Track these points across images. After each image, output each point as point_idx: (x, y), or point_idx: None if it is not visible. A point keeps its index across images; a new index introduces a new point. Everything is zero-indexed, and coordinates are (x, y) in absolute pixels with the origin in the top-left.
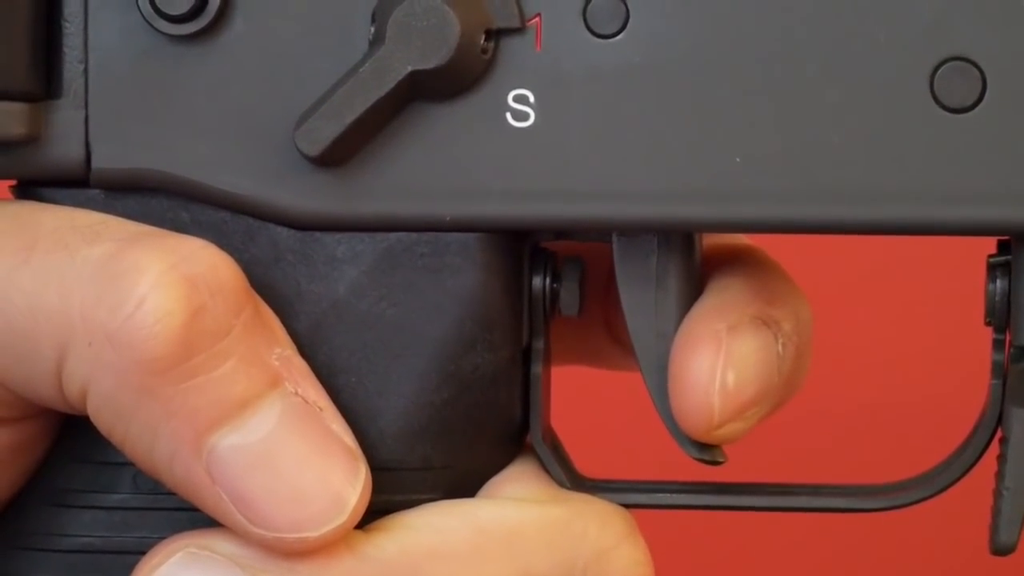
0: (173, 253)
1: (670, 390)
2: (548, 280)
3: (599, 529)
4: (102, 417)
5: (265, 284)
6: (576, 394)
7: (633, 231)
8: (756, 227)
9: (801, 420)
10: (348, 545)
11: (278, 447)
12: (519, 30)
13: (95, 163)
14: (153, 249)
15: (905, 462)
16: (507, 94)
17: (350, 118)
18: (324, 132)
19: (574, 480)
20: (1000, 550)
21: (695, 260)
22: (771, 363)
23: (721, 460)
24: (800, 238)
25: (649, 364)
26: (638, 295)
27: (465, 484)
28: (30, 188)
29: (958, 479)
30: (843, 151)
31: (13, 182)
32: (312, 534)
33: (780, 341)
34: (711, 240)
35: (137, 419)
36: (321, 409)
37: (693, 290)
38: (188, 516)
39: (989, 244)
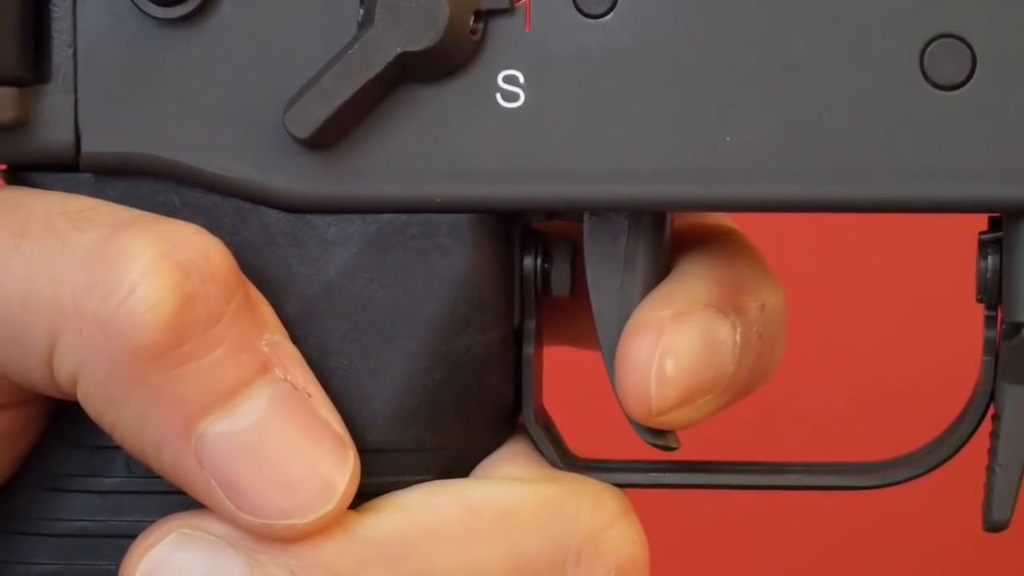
0: (165, 239)
1: (615, 374)
2: (539, 261)
3: (593, 508)
4: (92, 403)
5: (256, 267)
6: (568, 375)
7: (624, 210)
8: (747, 206)
9: (793, 399)
10: (341, 524)
11: (267, 434)
12: (508, 11)
13: (85, 147)
14: (145, 235)
15: (898, 440)
16: (497, 75)
17: (339, 100)
18: (314, 115)
19: (567, 460)
20: (993, 527)
21: (664, 243)
22: (722, 352)
23: (674, 446)
24: (790, 216)
25: (609, 346)
26: (605, 276)
27: (458, 465)
28: (20, 173)
29: (951, 456)
30: (833, 129)
31: (3, 168)
32: (301, 521)
33: (739, 330)
34: (685, 220)
35: (127, 405)
36: (310, 395)
37: (660, 273)
38: (181, 500)
39: (980, 221)
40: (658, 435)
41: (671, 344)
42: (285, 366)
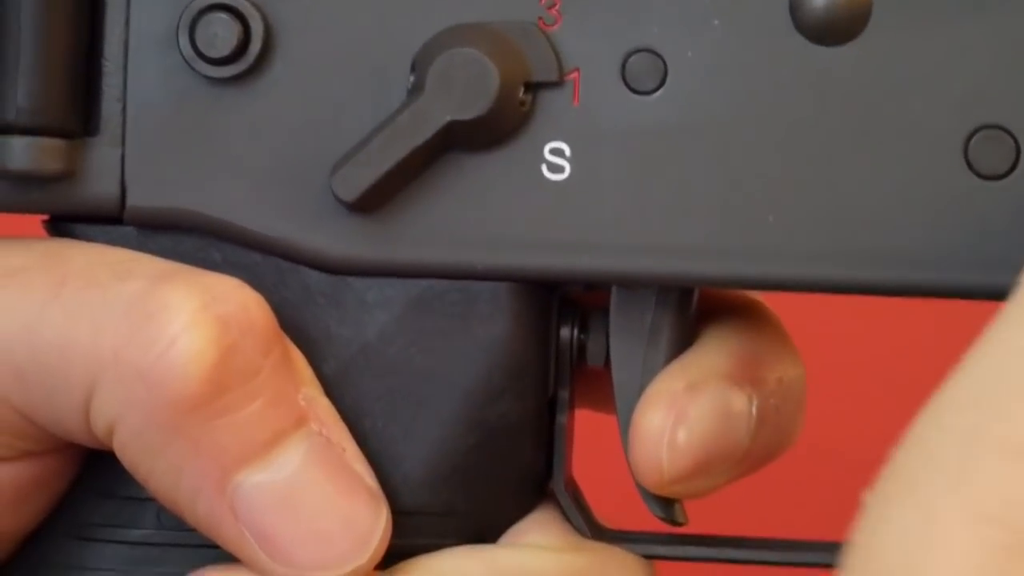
0: (206, 292)
1: (628, 444)
2: (575, 331)
3: None
4: (128, 453)
5: (295, 326)
6: (596, 445)
7: (665, 285)
8: (786, 286)
9: (822, 475)
10: None
11: (302, 486)
12: (558, 84)
13: (130, 200)
14: (186, 287)
15: None
16: (543, 147)
17: (387, 165)
18: (360, 178)
19: (595, 530)
20: None
21: (689, 318)
22: (737, 424)
23: (681, 521)
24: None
25: (626, 418)
26: (628, 348)
27: (487, 531)
28: (63, 224)
29: None
30: (876, 215)
31: (46, 217)
32: (334, 573)
33: (755, 402)
34: (708, 291)
35: (164, 456)
36: (344, 450)
37: (683, 347)
38: (212, 553)
39: None
40: (667, 508)
41: (684, 414)
42: (321, 420)
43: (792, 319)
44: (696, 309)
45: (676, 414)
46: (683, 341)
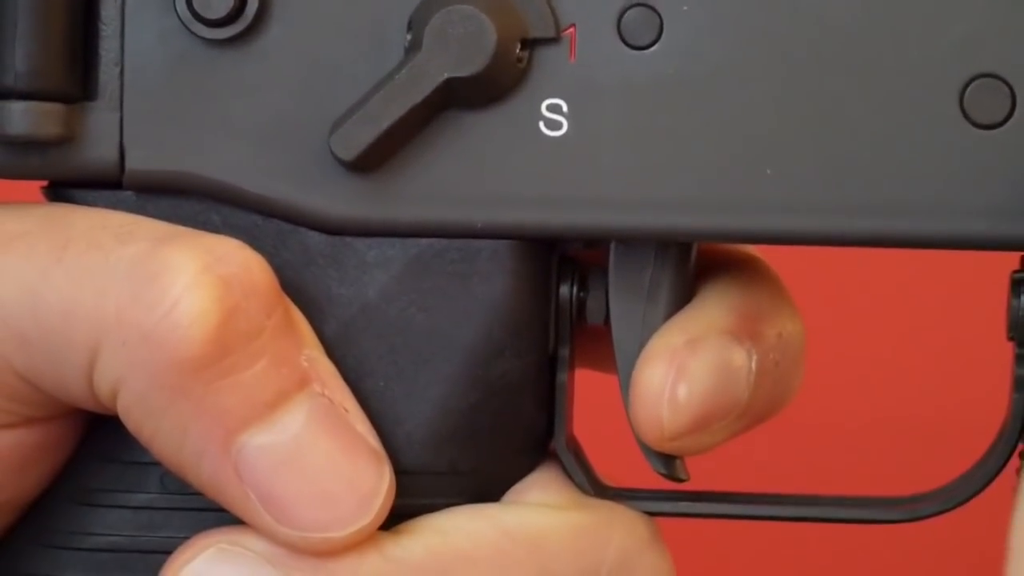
0: (208, 253)
1: (629, 400)
2: (575, 289)
3: (624, 536)
4: (132, 415)
5: (295, 287)
6: (596, 404)
7: (663, 240)
8: (785, 238)
9: (822, 432)
10: (376, 546)
11: (306, 447)
12: (554, 40)
13: (129, 164)
14: (188, 249)
15: (925, 475)
16: (540, 103)
17: (386, 124)
18: (360, 137)
19: (597, 487)
20: None
21: (688, 274)
22: (737, 379)
23: (683, 477)
24: (824, 251)
25: (626, 375)
26: (628, 305)
27: (490, 489)
28: (62, 190)
29: (978, 492)
30: (872, 165)
31: (45, 184)
32: (338, 534)
33: (755, 357)
34: (707, 247)
35: (168, 418)
36: (347, 410)
37: (682, 303)
38: (215, 516)
39: (1012, 260)
40: (668, 464)
41: (684, 370)
42: (323, 381)
43: (790, 275)
44: (695, 265)
45: (676, 370)
46: (682, 297)
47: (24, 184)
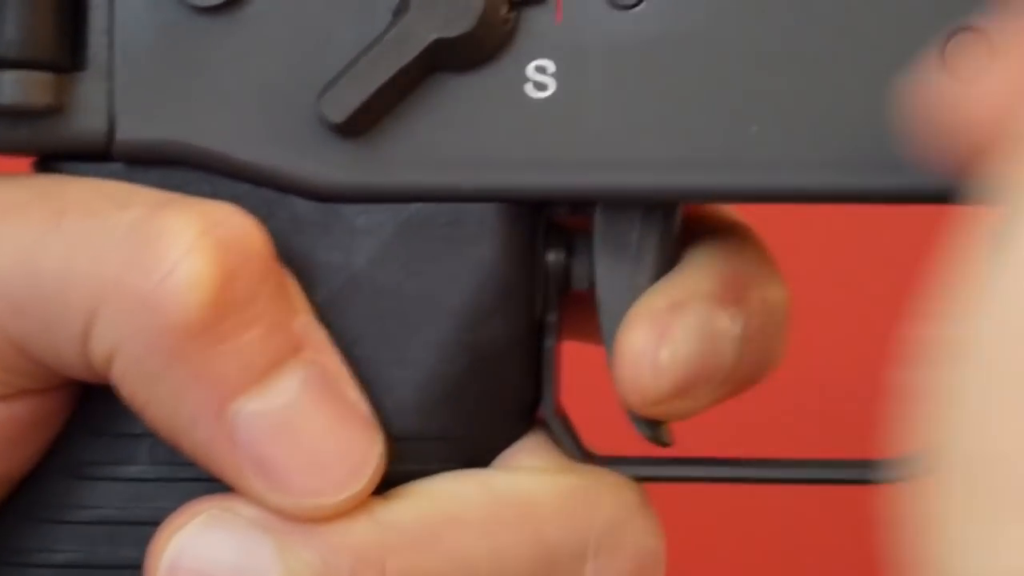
0: (205, 218)
1: (612, 364)
2: (563, 254)
3: (613, 500)
4: (127, 381)
5: (285, 255)
6: (582, 373)
7: (653, 200)
8: (771, 196)
9: (809, 396)
10: (367, 510)
11: (299, 414)
12: (540, 1)
13: (119, 135)
14: (186, 213)
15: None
16: (527, 65)
17: (374, 85)
18: (349, 99)
19: (584, 454)
20: None
21: (674, 238)
22: (721, 343)
23: (668, 442)
24: (801, 210)
25: (611, 339)
26: (614, 268)
27: (480, 455)
28: (51, 163)
29: None
30: (859, 120)
31: (34, 160)
32: (329, 500)
33: (739, 322)
34: (693, 213)
35: (163, 383)
36: (339, 378)
37: (668, 267)
38: (205, 487)
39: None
40: (653, 428)
41: (667, 334)
42: (316, 348)
43: (777, 242)
44: (681, 230)
45: (659, 333)
46: (668, 262)
47: (14, 162)
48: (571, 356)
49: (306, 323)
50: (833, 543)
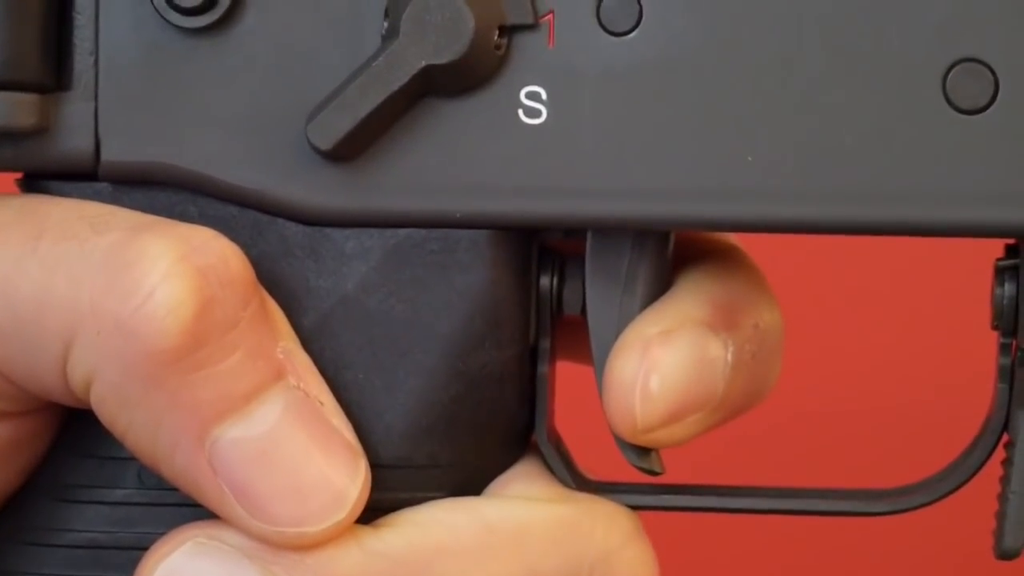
0: (184, 243)
1: (602, 391)
2: (555, 279)
3: (606, 529)
4: (106, 407)
5: (273, 279)
6: (578, 397)
7: (646, 228)
8: (766, 227)
9: (804, 424)
10: (356, 539)
11: (281, 441)
12: (532, 26)
13: (104, 155)
14: (164, 238)
15: (909, 467)
16: (519, 91)
17: (363, 112)
18: (337, 126)
19: (579, 481)
20: (1005, 554)
21: (666, 262)
22: (712, 371)
23: (658, 470)
24: (807, 240)
25: (602, 365)
26: (604, 294)
27: (471, 483)
28: (37, 181)
29: (963, 483)
30: (855, 151)
31: (18, 176)
32: (312, 529)
33: (731, 348)
34: (685, 236)
35: (142, 409)
36: (322, 404)
37: (659, 292)
38: (192, 512)
39: (996, 248)
40: (643, 457)
41: (657, 361)
42: (298, 374)
43: (770, 265)
44: (672, 255)
45: (649, 361)
46: (659, 287)
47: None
48: (568, 378)
49: (289, 349)
50: (829, 574)
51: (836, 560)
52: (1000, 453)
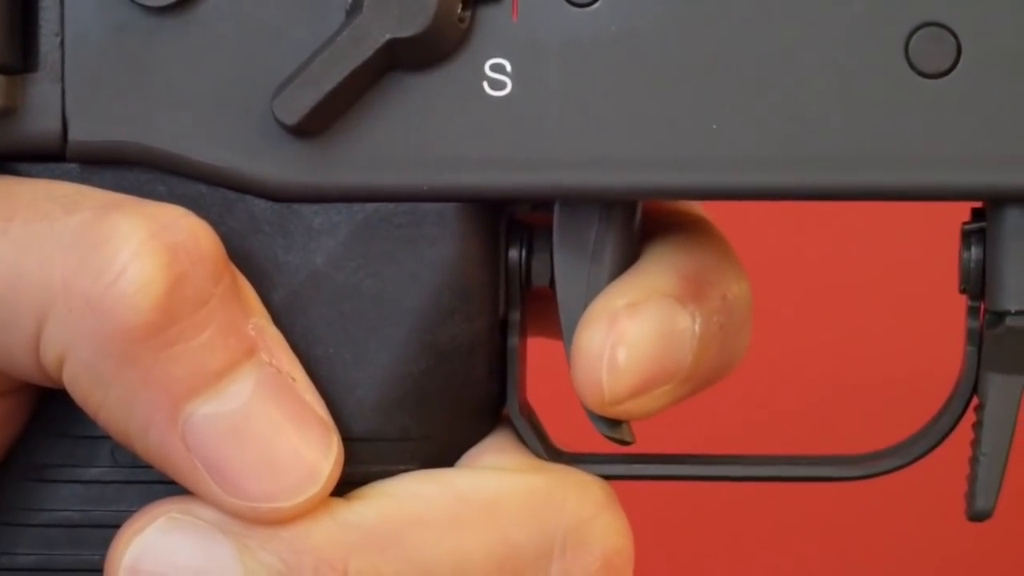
0: (154, 221)
1: (570, 364)
2: (524, 252)
3: (578, 499)
4: (79, 385)
5: (242, 256)
6: (550, 369)
7: (612, 199)
8: (733, 194)
9: (777, 393)
10: (329, 512)
11: (253, 417)
12: None
13: (72, 136)
14: (134, 216)
15: (880, 432)
16: (484, 63)
17: (328, 86)
18: (302, 100)
19: (551, 452)
20: (977, 516)
21: (633, 234)
22: (680, 342)
23: (628, 440)
24: (772, 206)
25: (570, 338)
26: (572, 266)
27: (443, 455)
28: (4, 164)
29: (935, 446)
30: (818, 117)
31: None
32: (285, 504)
33: (698, 320)
34: (653, 208)
35: (115, 387)
36: (294, 380)
37: (627, 264)
38: (166, 489)
39: (963, 212)
40: (613, 427)
41: (624, 334)
42: (270, 350)
43: (738, 236)
44: (640, 226)
45: (616, 333)
46: (627, 259)
47: None
48: (540, 350)
49: (260, 325)
50: (803, 540)
51: (810, 526)
52: (971, 416)
